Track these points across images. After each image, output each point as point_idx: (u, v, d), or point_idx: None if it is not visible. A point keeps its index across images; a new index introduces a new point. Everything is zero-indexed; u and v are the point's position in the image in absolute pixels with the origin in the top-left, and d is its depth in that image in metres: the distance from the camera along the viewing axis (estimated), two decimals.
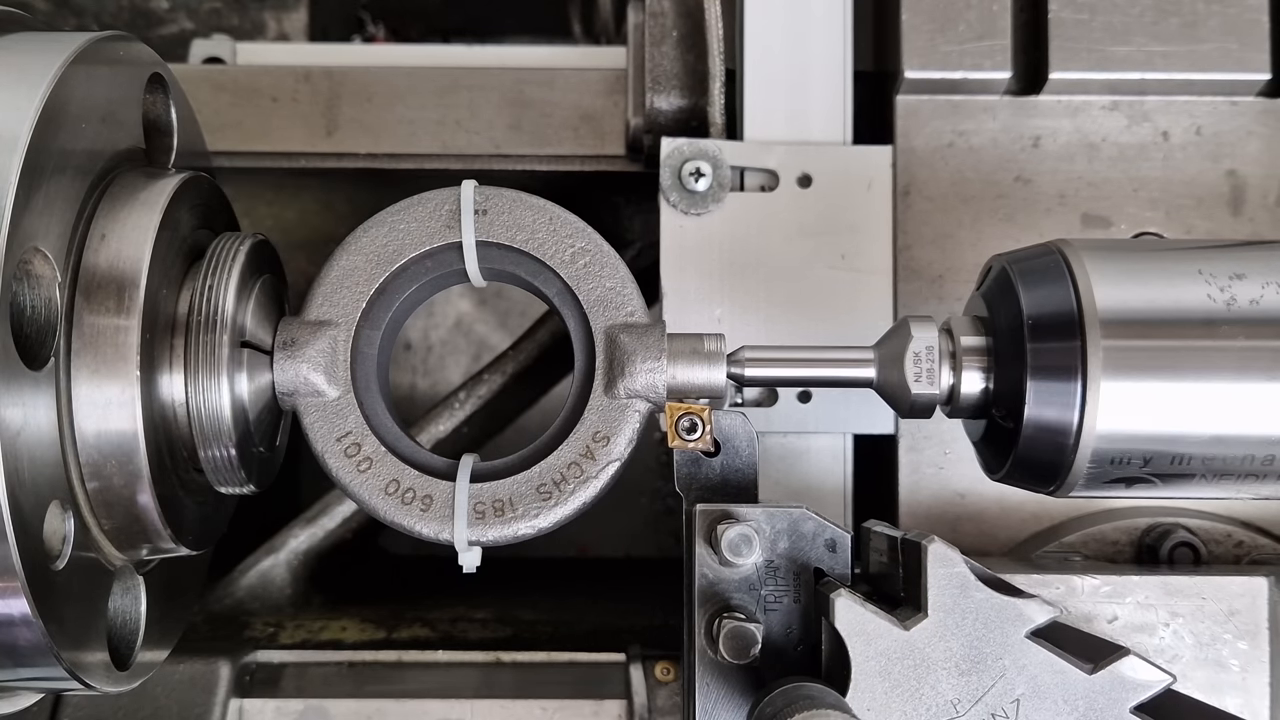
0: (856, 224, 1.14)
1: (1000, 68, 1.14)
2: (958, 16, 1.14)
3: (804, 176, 1.15)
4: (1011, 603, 0.79)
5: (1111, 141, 1.16)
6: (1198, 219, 1.15)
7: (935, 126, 1.16)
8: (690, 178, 1.13)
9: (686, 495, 0.93)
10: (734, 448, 0.94)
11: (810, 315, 1.13)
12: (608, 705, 1.12)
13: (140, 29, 1.63)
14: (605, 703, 1.12)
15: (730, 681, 0.86)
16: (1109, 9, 1.13)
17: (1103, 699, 0.77)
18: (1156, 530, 1.08)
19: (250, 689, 1.15)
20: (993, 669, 0.78)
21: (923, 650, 0.78)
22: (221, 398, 0.86)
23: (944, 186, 1.16)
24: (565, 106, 1.24)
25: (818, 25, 1.18)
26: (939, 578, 0.79)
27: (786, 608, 0.87)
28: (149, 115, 0.93)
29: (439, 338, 1.93)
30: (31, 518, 0.74)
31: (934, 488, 1.12)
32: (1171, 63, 1.13)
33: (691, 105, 1.19)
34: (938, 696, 0.78)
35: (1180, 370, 0.81)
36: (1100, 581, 0.86)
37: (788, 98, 1.17)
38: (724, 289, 1.14)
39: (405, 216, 0.91)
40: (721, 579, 0.87)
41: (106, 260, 0.82)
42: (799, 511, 0.88)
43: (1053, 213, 1.15)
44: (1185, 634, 0.86)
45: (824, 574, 0.87)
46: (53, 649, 0.76)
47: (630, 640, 1.19)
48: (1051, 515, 1.12)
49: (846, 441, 1.15)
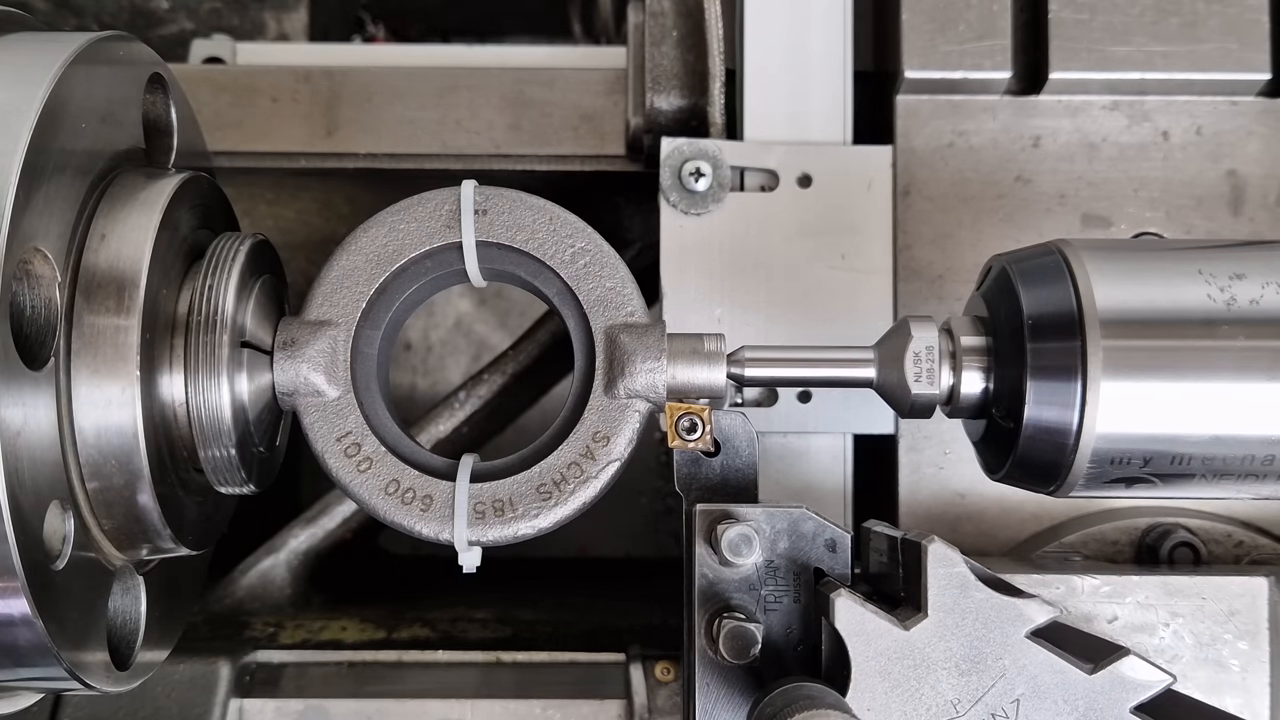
0: (857, 224, 1.14)
1: (1000, 68, 1.14)
2: (958, 16, 1.14)
3: (804, 176, 1.15)
4: (1012, 603, 0.79)
5: (1111, 141, 1.16)
6: (1198, 219, 1.15)
7: (935, 126, 1.16)
8: (690, 177, 1.13)
9: (686, 495, 0.93)
10: (734, 448, 0.94)
11: (810, 315, 1.13)
12: (608, 705, 1.12)
13: (140, 29, 1.63)
14: (605, 703, 1.12)
15: (730, 681, 0.86)
16: (1109, 9, 1.13)
17: (1103, 699, 0.78)
18: (1156, 530, 1.08)
19: (250, 689, 1.15)
20: (993, 669, 0.78)
21: (923, 650, 0.78)
22: (221, 398, 0.86)
23: (944, 186, 1.15)
24: (565, 106, 1.24)
25: (818, 25, 1.18)
26: (939, 578, 0.79)
27: (786, 608, 0.87)
28: (149, 115, 0.93)
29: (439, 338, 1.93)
30: (31, 518, 0.74)
31: (934, 488, 1.12)
32: (1172, 63, 1.13)
33: (691, 105, 1.19)
34: (938, 696, 0.78)
35: (1180, 370, 0.81)
36: (1100, 581, 0.86)
37: (788, 98, 1.17)
38: (724, 289, 1.14)
39: (405, 216, 0.91)
40: (721, 579, 0.87)
41: (106, 260, 0.82)
42: (799, 511, 0.88)
43: (1053, 213, 1.15)
44: (1185, 634, 0.86)
45: (824, 574, 0.87)
46: (53, 649, 0.76)
47: (630, 640, 1.19)
48: (1051, 515, 1.12)
49: (846, 441, 1.15)
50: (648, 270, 1.35)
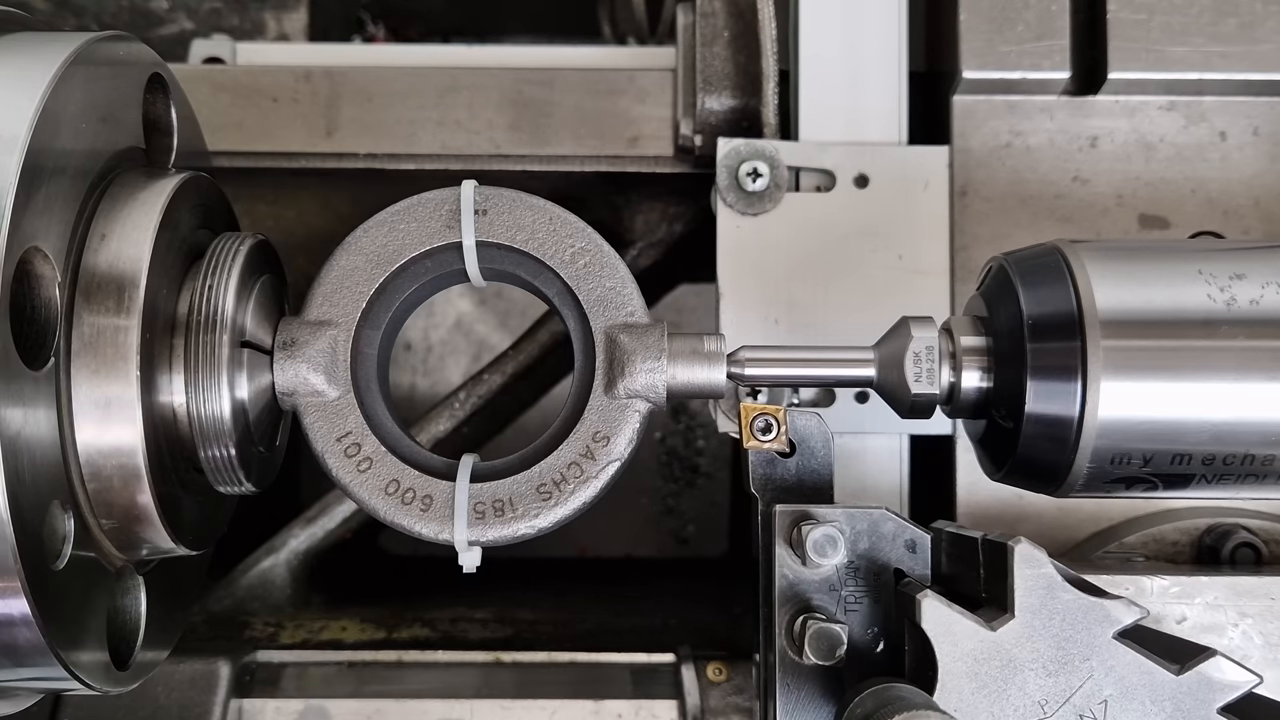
0: (913, 224, 1.14)
1: (1059, 68, 1.13)
2: (1016, 17, 1.14)
3: (861, 177, 1.15)
4: (1098, 603, 0.78)
5: (1169, 142, 1.16)
6: (1255, 219, 1.15)
7: (992, 127, 1.16)
8: (747, 178, 1.13)
9: (762, 496, 0.93)
10: (809, 448, 0.93)
11: (868, 316, 1.11)
12: (659, 706, 1.13)
13: (140, 29, 1.63)
14: (656, 703, 1.13)
15: (812, 683, 0.86)
16: (1167, 9, 1.13)
17: (1190, 700, 0.77)
18: (1217, 530, 1.07)
19: (250, 689, 1.15)
20: (1080, 670, 0.78)
21: (1009, 651, 0.78)
22: (221, 397, 0.86)
23: (1001, 187, 1.15)
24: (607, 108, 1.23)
25: (873, 25, 1.18)
26: (1025, 578, 0.78)
27: (867, 608, 0.87)
28: (149, 115, 0.93)
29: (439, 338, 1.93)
30: (31, 518, 0.74)
31: (992, 488, 1.10)
32: (1229, 63, 1.13)
33: (743, 106, 1.19)
34: (1025, 697, 0.78)
35: (1180, 370, 0.81)
36: (1169, 582, 0.86)
37: (843, 98, 1.17)
38: (782, 290, 1.13)
39: (405, 216, 0.91)
40: (802, 579, 0.87)
41: (106, 260, 0.82)
42: (879, 512, 0.88)
43: (1110, 213, 1.15)
44: (1254, 634, 0.85)
45: (904, 575, 0.87)
46: (52, 649, 0.76)
47: (631, 640, 1.20)
48: (1110, 516, 1.12)
49: (903, 442, 1.15)
50: (648, 270, 1.35)
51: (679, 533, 1.91)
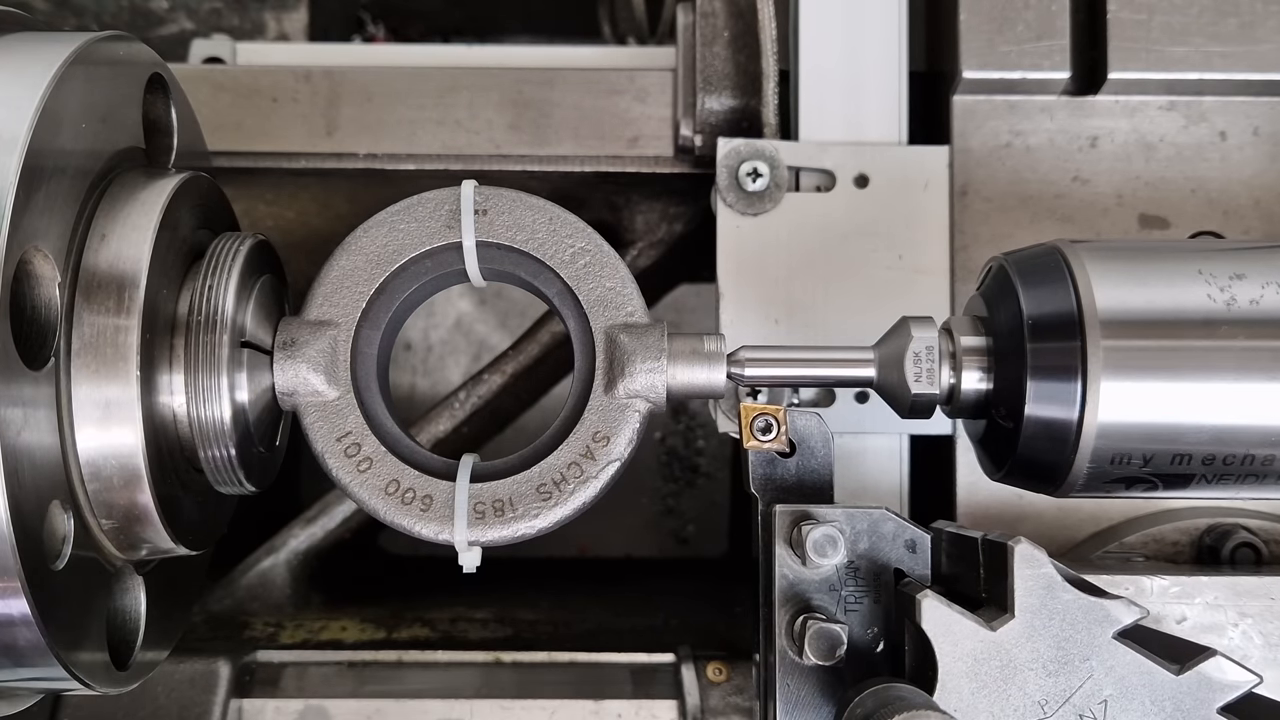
0: (914, 224, 1.14)
1: (1059, 68, 1.14)
2: (1016, 17, 1.14)
3: (860, 177, 1.15)
4: (1098, 603, 0.78)
5: (1169, 142, 1.16)
6: (1255, 219, 1.15)
7: (992, 126, 1.16)
8: (747, 178, 1.13)
9: (762, 496, 0.93)
10: (809, 448, 0.94)
11: (868, 316, 1.12)
12: (659, 706, 1.13)
13: (140, 29, 1.63)
14: (656, 703, 1.13)
15: (811, 682, 0.86)
16: (1167, 9, 1.13)
17: (1190, 699, 0.77)
18: (1217, 530, 1.07)
19: (250, 689, 1.15)
20: (1080, 670, 0.78)
21: (1009, 651, 0.78)
22: (221, 398, 0.86)
23: (1001, 187, 1.16)
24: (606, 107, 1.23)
25: (873, 25, 1.18)
26: (1025, 578, 0.78)
27: (867, 608, 0.87)
28: (149, 115, 0.93)
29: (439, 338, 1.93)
30: (31, 518, 0.74)
31: (992, 488, 1.10)
32: (1230, 63, 1.13)
33: (743, 106, 1.19)
34: (1025, 697, 0.78)
35: (1180, 370, 0.81)
36: (1169, 582, 0.86)
37: (843, 98, 1.17)
38: (781, 290, 1.14)
39: (405, 216, 0.91)
40: (802, 579, 0.87)
41: (106, 260, 0.82)
42: (879, 512, 0.88)
43: (1110, 213, 1.15)
44: (1254, 634, 0.85)
45: (904, 575, 0.87)
46: (52, 649, 0.76)
47: (631, 640, 1.20)
48: (1110, 515, 1.12)
49: (903, 442, 1.15)
50: (648, 270, 1.35)
51: (679, 533, 1.91)
